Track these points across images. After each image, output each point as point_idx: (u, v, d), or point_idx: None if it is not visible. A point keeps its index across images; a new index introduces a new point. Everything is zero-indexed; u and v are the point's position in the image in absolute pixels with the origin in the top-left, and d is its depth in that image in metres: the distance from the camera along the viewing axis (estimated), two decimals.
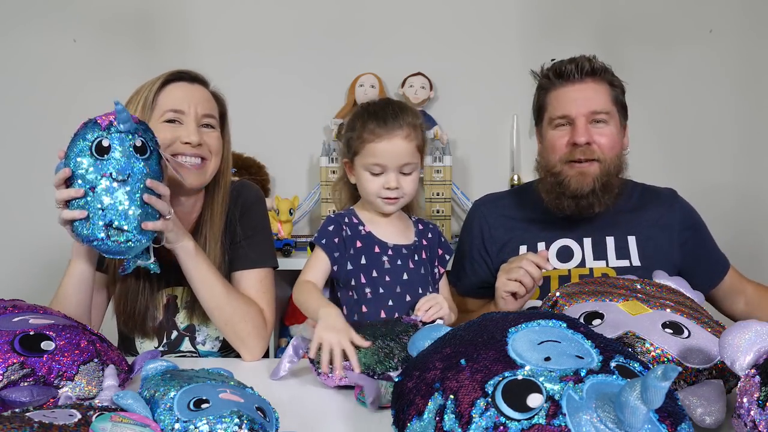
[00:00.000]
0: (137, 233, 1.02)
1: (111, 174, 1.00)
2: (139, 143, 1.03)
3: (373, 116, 1.21)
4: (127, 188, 1.01)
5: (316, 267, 1.23)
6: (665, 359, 0.84)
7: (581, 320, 0.93)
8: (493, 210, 1.49)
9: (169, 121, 1.21)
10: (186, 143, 1.20)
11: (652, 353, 0.85)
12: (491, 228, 1.46)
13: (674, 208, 1.44)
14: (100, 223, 1.00)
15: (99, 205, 1.00)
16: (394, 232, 1.27)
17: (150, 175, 1.04)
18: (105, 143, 1.01)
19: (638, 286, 1.06)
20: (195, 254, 1.17)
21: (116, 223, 1.00)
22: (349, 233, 1.24)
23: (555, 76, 1.36)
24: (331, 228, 1.23)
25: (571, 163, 1.34)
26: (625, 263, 1.36)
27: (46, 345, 0.87)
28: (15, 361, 0.83)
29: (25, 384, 0.82)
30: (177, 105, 1.21)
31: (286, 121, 2.40)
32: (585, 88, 1.34)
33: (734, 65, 2.33)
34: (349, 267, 1.22)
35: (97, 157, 1.01)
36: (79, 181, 1.01)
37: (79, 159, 1.02)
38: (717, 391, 0.78)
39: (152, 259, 1.11)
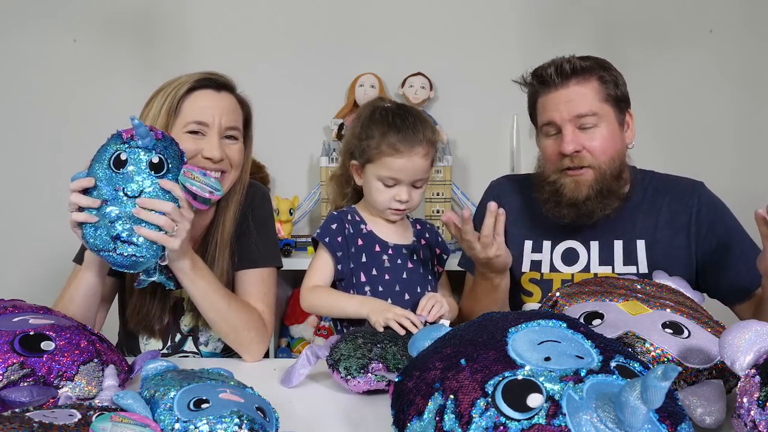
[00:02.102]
0: (145, 249, 1.01)
1: (123, 189, 1.00)
2: (156, 160, 1.01)
3: (394, 129, 1.19)
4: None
5: (322, 270, 1.23)
6: (665, 359, 0.84)
7: (581, 320, 0.93)
8: (508, 193, 1.44)
9: (192, 131, 1.19)
10: (207, 158, 1.18)
11: (652, 353, 0.84)
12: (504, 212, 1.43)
13: (693, 204, 1.31)
14: (108, 235, 1.00)
15: (108, 219, 1.00)
16: (394, 232, 1.28)
17: (161, 193, 1.02)
18: (123, 157, 1.01)
19: (638, 286, 1.06)
20: (192, 273, 1.13)
21: (124, 236, 0.99)
22: (351, 231, 1.24)
23: (538, 83, 1.29)
24: (334, 226, 1.24)
25: (565, 171, 1.27)
26: (631, 269, 1.29)
27: (46, 345, 0.87)
28: (15, 361, 0.83)
29: (25, 384, 0.82)
30: (201, 116, 1.18)
31: (286, 121, 2.40)
32: (568, 92, 1.25)
33: (734, 65, 2.33)
34: (350, 265, 1.23)
35: (114, 170, 1.01)
36: (95, 192, 1.01)
37: (98, 169, 1.01)
38: (717, 391, 0.78)
39: (165, 276, 1.10)
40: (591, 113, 1.25)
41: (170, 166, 1.03)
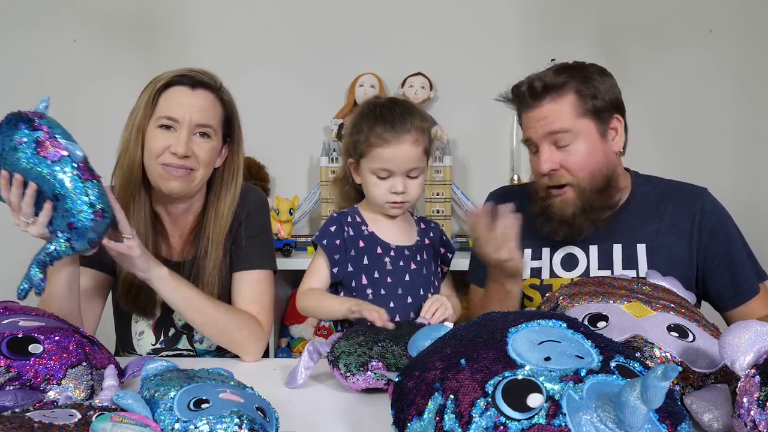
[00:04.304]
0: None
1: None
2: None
3: (380, 119, 1.19)
4: None
5: (318, 273, 1.23)
6: (674, 364, 0.83)
7: (586, 322, 0.93)
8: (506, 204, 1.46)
9: (165, 126, 1.20)
10: (173, 153, 1.18)
11: (661, 357, 0.84)
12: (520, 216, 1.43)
13: (696, 211, 1.30)
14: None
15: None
16: (396, 233, 1.27)
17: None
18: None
19: (636, 286, 1.06)
20: (171, 280, 1.14)
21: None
22: (352, 233, 1.23)
23: (517, 101, 1.29)
24: (333, 228, 1.23)
25: (550, 190, 1.28)
26: (632, 274, 1.27)
27: (34, 348, 0.86)
28: (1, 364, 0.82)
29: (11, 388, 0.80)
30: (172, 112, 1.19)
31: (286, 121, 2.40)
32: (542, 110, 1.24)
33: (734, 65, 2.33)
34: (351, 268, 1.22)
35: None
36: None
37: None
38: (723, 396, 0.78)
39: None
40: (564, 130, 1.23)
41: None
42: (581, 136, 1.24)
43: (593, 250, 1.33)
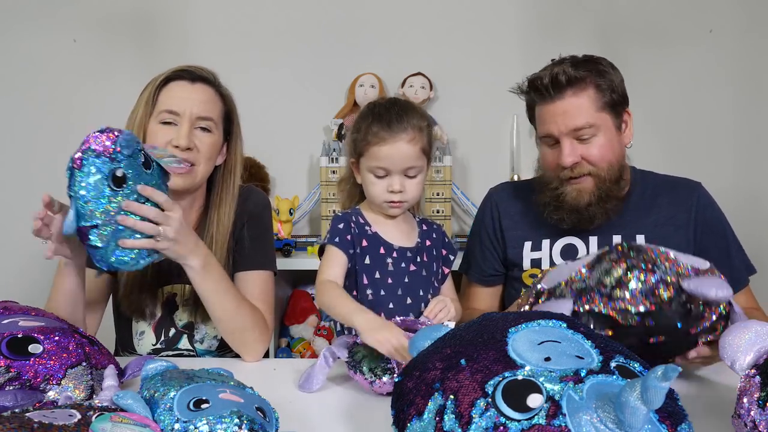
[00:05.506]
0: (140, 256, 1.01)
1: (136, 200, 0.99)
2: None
3: (377, 118, 1.19)
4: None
5: (334, 264, 1.20)
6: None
7: (561, 260, 0.97)
8: (505, 199, 1.46)
9: (166, 122, 1.20)
10: (176, 146, 1.19)
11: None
12: (501, 217, 1.44)
13: (693, 204, 1.34)
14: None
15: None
16: (398, 234, 1.26)
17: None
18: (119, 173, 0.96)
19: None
20: (202, 271, 1.13)
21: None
22: (357, 232, 1.23)
23: (535, 93, 1.30)
24: (341, 226, 1.22)
25: (566, 180, 1.29)
26: None
27: (34, 348, 0.86)
28: (1, 364, 0.82)
29: (11, 388, 0.80)
30: (173, 106, 1.20)
31: (286, 121, 2.40)
32: (564, 104, 1.25)
33: (734, 65, 2.33)
34: (354, 267, 1.22)
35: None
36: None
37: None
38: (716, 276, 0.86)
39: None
40: (588, 125, 1.26)
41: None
42: (601, 129, 1.27)
43: (593, 240, 1.35)
